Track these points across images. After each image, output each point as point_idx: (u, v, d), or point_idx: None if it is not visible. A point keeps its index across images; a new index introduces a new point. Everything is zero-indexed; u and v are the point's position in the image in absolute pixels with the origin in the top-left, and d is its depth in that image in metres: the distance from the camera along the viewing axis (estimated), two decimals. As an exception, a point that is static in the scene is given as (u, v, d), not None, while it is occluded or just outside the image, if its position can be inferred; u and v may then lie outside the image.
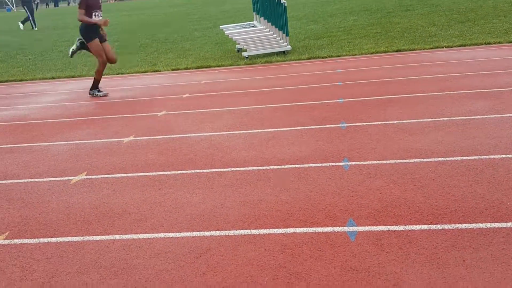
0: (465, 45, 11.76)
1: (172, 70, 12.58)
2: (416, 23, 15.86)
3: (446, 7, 19.20)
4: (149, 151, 6.37)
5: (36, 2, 48.20)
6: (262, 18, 13.54)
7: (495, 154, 5.17)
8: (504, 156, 5.12)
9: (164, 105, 8.81)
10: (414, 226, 3.91)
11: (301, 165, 5.37)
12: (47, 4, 69.98)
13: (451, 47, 11.75)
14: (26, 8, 28.93)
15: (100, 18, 9.64)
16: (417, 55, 11.20)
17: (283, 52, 12.81)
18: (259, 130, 6.77)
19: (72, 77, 13.00)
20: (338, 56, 12.07)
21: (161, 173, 5.56)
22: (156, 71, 12.69)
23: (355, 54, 12.03)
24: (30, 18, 28.95)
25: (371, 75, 9.54)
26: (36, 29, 28.57)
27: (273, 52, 12.80)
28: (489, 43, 11.70)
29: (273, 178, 5.12)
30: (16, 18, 47.65)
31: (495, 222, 3.85)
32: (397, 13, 18.87)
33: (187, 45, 16.55)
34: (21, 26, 29.15)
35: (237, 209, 4.49)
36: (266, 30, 12.85)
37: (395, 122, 6.53)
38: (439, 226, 3.87)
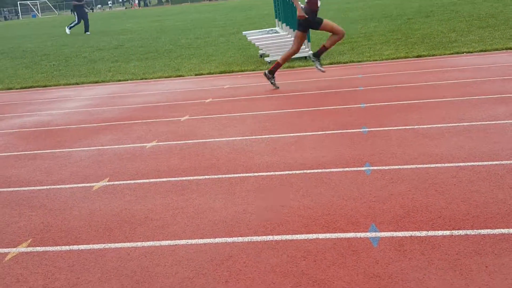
0: (485, 51, 11.70)
1: (196, 75, 12.65)
2: (436, 29, 15.80)
3: (466, 13, 19.11)
4: (172, 156, 6.40)
5: (90, 7, 48.20)
6: (284, 25, 13.56)
7: (518, 160, 5.15)
8: (527, 161, 5.10)
9: (187, 110, 8.86)
10: (436, 231, 3.90)
11: (323, 170, 5.38)
12: (71, 11, 70.80)
13: (471, 52, 11.69)
14: (76, 14, 28.88)
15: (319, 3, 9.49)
16: (437, 60, 11.16)
17: (305, 57, 12.83)
18: (282, 135, 6.79)
19: (96, 82, 13.11)
20: (359, 61, 12.07)
21: (184, 178, 5.58)
22: (179, 76, 12.76)
23: (376, 60, 12.01)
24: (75, 23, 28.99)
25: (391, 80, 9.52)
26: (68, 33, 28.74)
27: (295, 58, 12.82)
28: (510, 49, 11.63)
29: (295, 183, 5.13)
30: (42, 24, 48.07)
31: (518, 228, 3.84)
32: (417, 19, 18.80)
33: (211, 50, 16.61)
34: (88, 32, 29.11)
35: (260, 214, 4.50)
36: (288, 36, 12.87)
37: (416, 127, 6.52)
38: (461, 232, 3.85)
